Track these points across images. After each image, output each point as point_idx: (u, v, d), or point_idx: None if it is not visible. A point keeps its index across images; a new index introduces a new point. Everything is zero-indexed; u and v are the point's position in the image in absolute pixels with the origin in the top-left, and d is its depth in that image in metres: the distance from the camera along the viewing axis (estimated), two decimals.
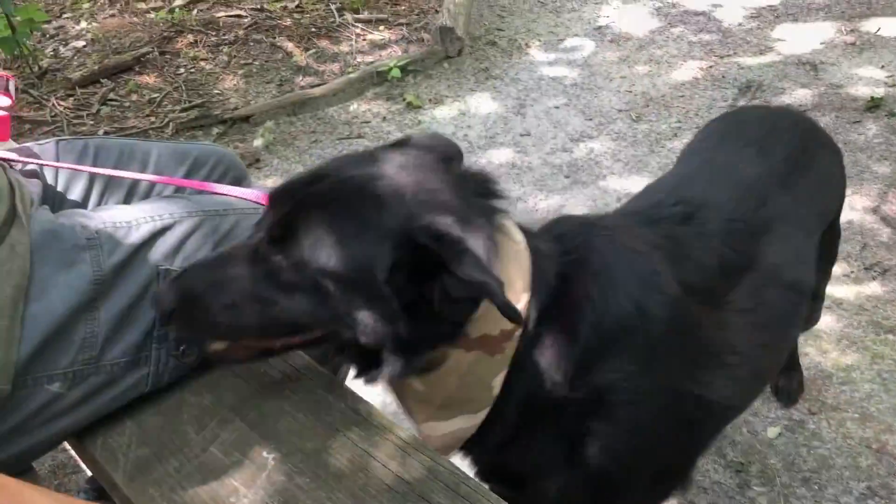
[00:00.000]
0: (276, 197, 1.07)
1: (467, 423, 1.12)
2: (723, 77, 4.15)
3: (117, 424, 1.19)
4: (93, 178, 1.47)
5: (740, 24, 4.68)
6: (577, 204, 3.28)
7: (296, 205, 1.03)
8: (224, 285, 1.04)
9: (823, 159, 1.66)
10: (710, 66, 4.27)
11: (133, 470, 1.12)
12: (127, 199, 1.49)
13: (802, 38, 4.46)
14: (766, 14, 4.77)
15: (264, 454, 1.12)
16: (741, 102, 3.90)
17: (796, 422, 2.29)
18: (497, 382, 1.10)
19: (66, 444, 2.05)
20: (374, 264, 0.98)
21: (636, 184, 3.36)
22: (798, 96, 3.90)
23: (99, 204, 1.46)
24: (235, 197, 1.40)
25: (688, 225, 1.28)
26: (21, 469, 1.18)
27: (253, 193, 1.41)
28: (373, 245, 0.98)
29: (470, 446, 1.19)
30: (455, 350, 1.06)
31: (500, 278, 0.97)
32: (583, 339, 1.10)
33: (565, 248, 1.14)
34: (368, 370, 1.08)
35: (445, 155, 1.14)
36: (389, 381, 1.09)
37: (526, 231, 1.14)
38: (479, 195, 1.09)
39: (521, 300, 1.05)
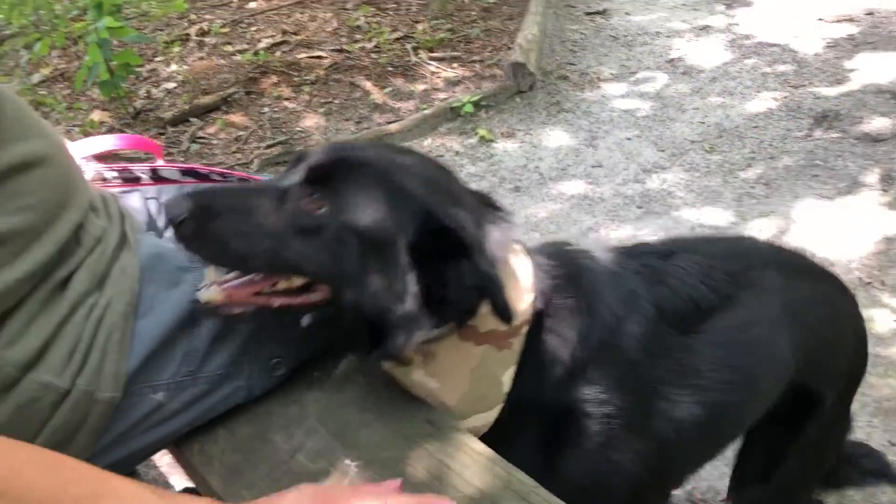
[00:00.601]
0: (310, 153, 1.11)
1: (481, 421, 1.21)
2: (798, 107, 4.13)
3: (212, 433, 1.28)
4: None
5: (817, 55, 4.64)
6: (650, 234, 3.30)
7: (338, 158, 1.08)
8: (244, 212, 1.04)
9: (833, 309, 1.53)
10: (785, 97, 4.25)
11: (227, 474, 1.21)
12: None
13: (882, 66, 4.40)
14: (844, 44, 4.72)
15: (347, 462, 1.19)
16: (817, 133, 3.87)
17: None
18: (507, 378, 1.17)
19: (158, 462, 2.17)
20: (400, 231, 1.04)
21: (709, 214, 3.37)
22: (877, 125, 3.85)
23: None
24: None
25: (667, 260, 1.33)
26: (125, 473, 1.28)
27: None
28: (403, 214, 1.04)
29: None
30: (465, 343, 1.13)
31: (503, 278, 1.05)
32: (573, 346, 1.18)
33: (557, 264, 1.23)
34: (369, 350, 1.12)
35: None
36: (401, 361, 1.15)
37: (520, 245, 1.23)
38: (488, 206, 1.18)
39: (524, 300, 1.14)
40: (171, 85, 5.02)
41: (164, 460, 2.37)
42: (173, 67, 5.24)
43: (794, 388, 1.47)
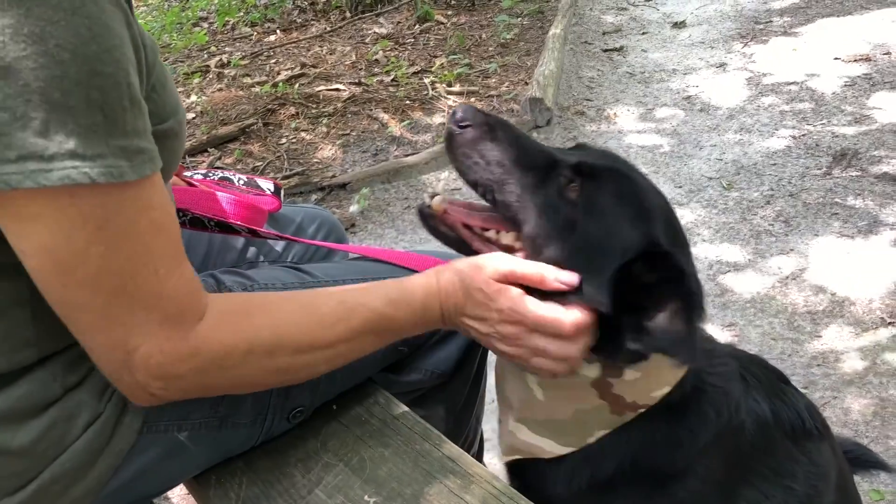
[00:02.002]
0: (591, 147, 1.24)
1: (549, 447, 1.19)
2: (816, 145, 4.11)
3: (229, 466, 1.27)
4: (210, 242, 1.59)
5: (834, 93, 4.64)
6: None
7: (610, 166, 1.15)
8: (516, 153, 1.14)
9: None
10: (804, 135, 4.23)
11: None
12: (238, 259, 1.60)
13: None
14: (861, 83, 4.71)
15: (366, 498, 1.17)
16: (836, 171, 3.85)
17: None
18: (596, 436, 1.17)
19: (169, 493, 2.15)
20: (622, 248, 1.08)
21: (727, 251, 3.35)
22: None
23: (213, 263, 1.58)
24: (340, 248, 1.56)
25: (783, 383, 1.42)
26: None
27: (354, 247, 1.52)
28: (632, 233, 1.09)
29: (533, 469, 1.24)
30: (591, 389, 1.14)
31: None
32: (690, 439, 1.19)
33: (711, 369, 1.24)
34: None
35: None
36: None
37: None
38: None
39: (662, 390, 1.15)
40: (190, 115, 5.07)
41: (175, 492, 2.35)
42: (193, 98, 5.30)
43: None
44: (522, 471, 1.26)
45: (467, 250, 1.20)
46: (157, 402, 1.03)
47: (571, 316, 1.07)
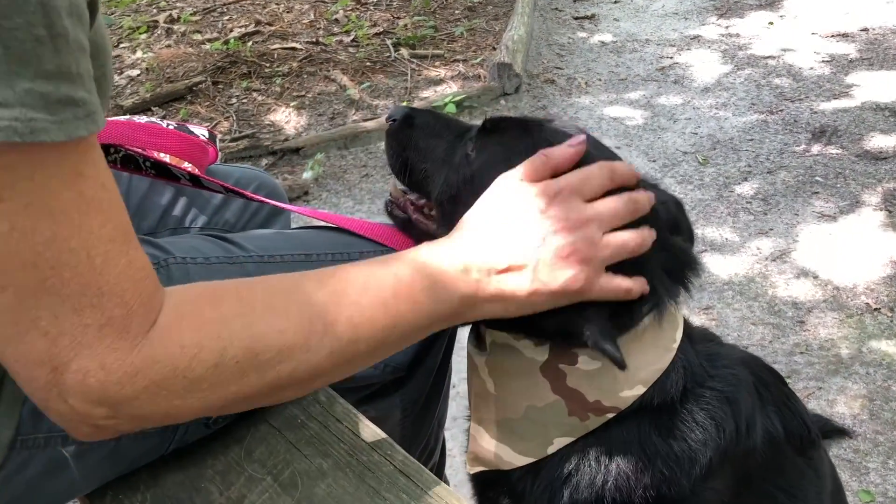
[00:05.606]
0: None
1: (507, 456, 1.01)
2: (795, 121, 3.95)
3: (130, 477, 1.03)
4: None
5: (812, 69, 4.48)
6: None
7: (513, 118, 1.11)
8: (432, 135, 1.15)
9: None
10: (781, 110, 4.07)
11: None
12: (157, 227, 1.35)
13: (880, 83, 4.24)
14: (840, 59, 4.56)
15: None
16: (815, 148, 3.69)
17: None
18: (557, 444, 0.97)
19: None
20: None
21: (703, 229, 3.17)
22: (877, 142, 3.68)
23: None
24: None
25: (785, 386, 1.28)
26: None
27: (305, 210, 1.30)
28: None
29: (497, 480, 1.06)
30: (541, 380, 0.96)
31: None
32: (691, 458, 0.99)
33: (713, 371, 1.05)
34: None
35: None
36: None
37: (689, 333, 1.04)
38: (672, 266, 1.01)
39: (633, 390, 0.95)
40: (134, 72, 4.76)
41: None
42: (138, 54, 4.98)
43: None
44: (494, 492, 1.04)
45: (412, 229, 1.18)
46: (108, 436, 0.76)
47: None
